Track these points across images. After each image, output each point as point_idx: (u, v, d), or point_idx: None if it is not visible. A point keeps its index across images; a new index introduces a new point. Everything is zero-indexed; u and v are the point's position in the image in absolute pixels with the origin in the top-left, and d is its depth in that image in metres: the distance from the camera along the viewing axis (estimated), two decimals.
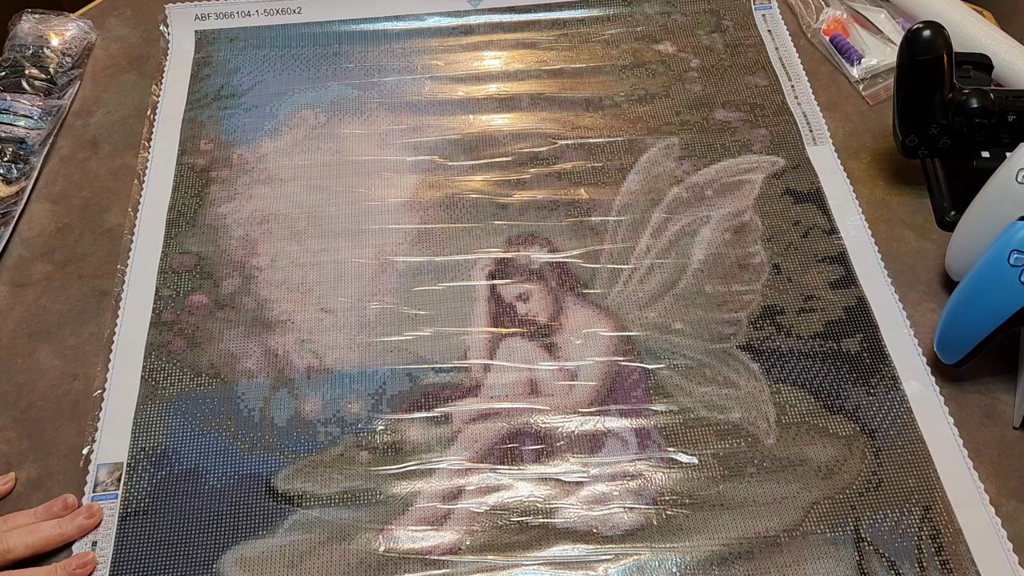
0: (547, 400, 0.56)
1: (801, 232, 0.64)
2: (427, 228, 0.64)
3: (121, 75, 0.76)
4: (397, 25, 0.78)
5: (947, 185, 0.65)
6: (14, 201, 0.66)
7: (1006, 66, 0.68)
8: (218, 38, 0.77)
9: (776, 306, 0.60)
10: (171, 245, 0.64)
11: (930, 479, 0.52)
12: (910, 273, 0.62)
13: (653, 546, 0.50)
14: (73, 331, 0.60)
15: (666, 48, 0.76)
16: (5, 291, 0.62)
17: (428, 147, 0.69)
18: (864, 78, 0.73)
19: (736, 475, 0.52)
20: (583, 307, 0.60)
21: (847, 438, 0.54)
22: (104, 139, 0.71)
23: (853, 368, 0.57)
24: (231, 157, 0.69)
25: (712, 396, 0.56)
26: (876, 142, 0.69)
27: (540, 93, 0.73)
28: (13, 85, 0.72)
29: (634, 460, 0.53)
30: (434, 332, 0.59)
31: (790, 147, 0.68)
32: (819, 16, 0.77)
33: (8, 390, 0.57)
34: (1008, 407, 0.55)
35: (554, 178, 0.67)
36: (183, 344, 0.59)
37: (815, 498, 0.51)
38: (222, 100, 0.73)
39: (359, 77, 0.74)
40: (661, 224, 0.64)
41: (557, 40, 0.77)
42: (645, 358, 0.57)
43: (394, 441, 0.54)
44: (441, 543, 0.50)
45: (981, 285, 0.53)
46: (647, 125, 0.70)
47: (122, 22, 0.80)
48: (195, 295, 0.61)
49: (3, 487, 0.53)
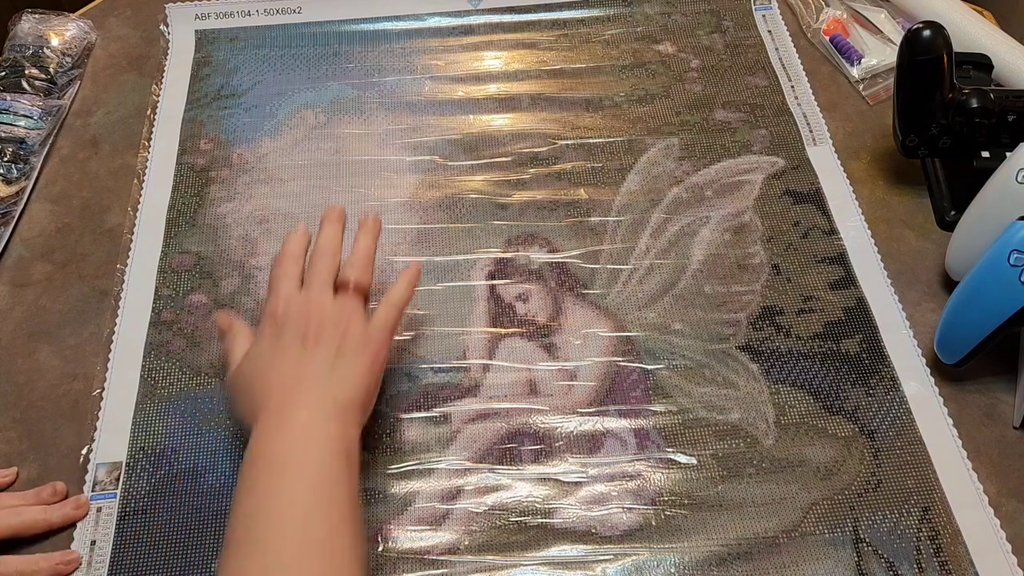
0: (546, 400, 0.56)
1: (801, 233, 0.64)
2: (427, 228, 0.64)
3: (121, 75, 0.76)
4: (397, 25, 0.78)
5: (947, 185, 0.65)
6: (14, 201, 0.66)
7: (1006, 66, 0.68)
8: (218, 38, 0.77)
9: (775, 307, 0.60)
10: (171, 245, 0.64)
11: (929, 480, 0.52)
12: (910, 273, 0.62)
13: (652, 546, 0.50)
14: (73, 331, 0.60)
15: (666, 48, 0.76)
16: (5, 291, 0.62)
17: (428, 147, 0.69)
18: (864, 78, 0.73)
19: (735, 476, 0.52)
20: (582, 307, 0.60)
21: (846, 439, 0.54)
22: (104, 139, 0.71)
23: (852, 369, 0.57)
24: (231, 157, 0.69)
25: (711, 397, 0.56)
26: (876, 142, 0.69)
27: (540, 93, 0.73)
28: (13, 85, 0.72)
29: (633, 460, 0.53)
30: (434, 332, 0.59)
31: (790, 147, 0.68)
32: (819, 16, 0.77)
33: (8, 390, 0.57)
34: (1008, 407, 0.55)
35: (554, 178, 0.67)
36: (182, 344, 0.59)
37: (814, 499, 0.51)
38: (222, 100, 0.73)
39: (359, 77, 0.74)
40: (661, 224, 0.64)
41: (557, 40, 0.76)
42: (644, 358, 0.57)
43: (393, 441, 0.54)
44: (440, 543, 0.50)
45: (981, 285, 0.53)
46: (647, 125, 0.70)
47: (122, 22, 0.80)
48: (195, 295, 0.61)
49: (3, 479, 0.53)
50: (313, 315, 0.50)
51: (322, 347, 0.49)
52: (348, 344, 0.49)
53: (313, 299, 0.51)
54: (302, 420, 0.46)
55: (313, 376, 0.47)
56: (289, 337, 0.49)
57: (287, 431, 0.45)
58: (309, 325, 0.49)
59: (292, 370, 0.48)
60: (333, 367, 0.48)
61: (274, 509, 0.43)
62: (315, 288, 0.51)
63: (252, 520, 0.43)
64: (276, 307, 0.51)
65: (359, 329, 0.50)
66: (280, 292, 0.51)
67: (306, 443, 0.45)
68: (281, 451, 0.45)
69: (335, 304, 0.51)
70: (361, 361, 0.49)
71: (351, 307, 0.51)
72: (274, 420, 0.46)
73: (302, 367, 0.48)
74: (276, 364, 0.48)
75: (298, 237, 0.55)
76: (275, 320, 0.50)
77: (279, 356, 0.49)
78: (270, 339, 0.50)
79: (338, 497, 0.44)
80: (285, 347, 0.49)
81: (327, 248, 0.53)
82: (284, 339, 0.49)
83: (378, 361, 0.50)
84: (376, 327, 0.51)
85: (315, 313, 0.50)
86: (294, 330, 0.49)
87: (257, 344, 0.50)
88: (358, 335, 0.50)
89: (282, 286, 0.52)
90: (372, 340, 0.50)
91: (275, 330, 0.50)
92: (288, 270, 0.53)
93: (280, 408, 0.46)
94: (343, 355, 0.49)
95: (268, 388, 0.47)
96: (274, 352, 0.49)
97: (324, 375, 0.48)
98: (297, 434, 0.45)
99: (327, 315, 0.50)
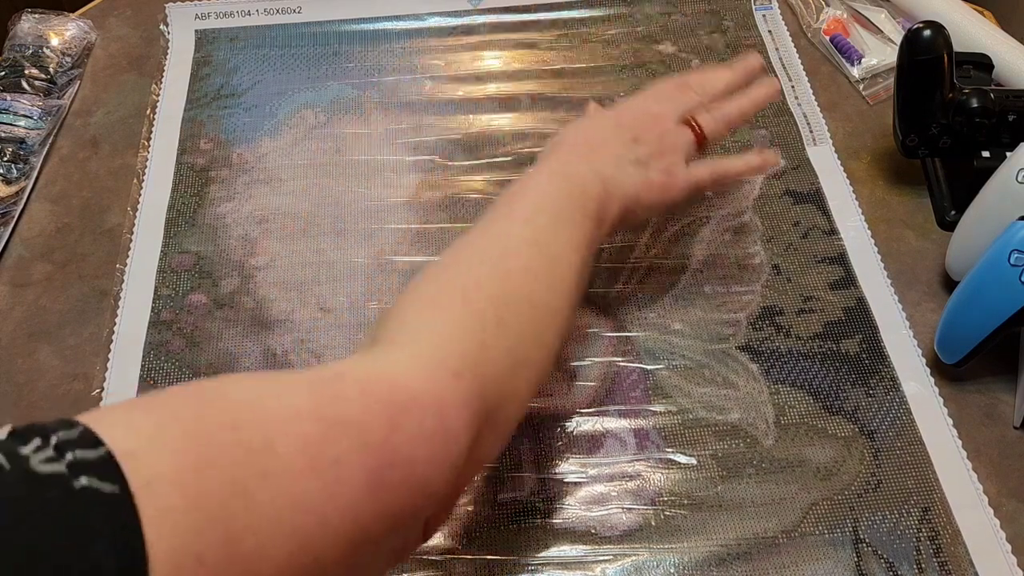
0: (546, 400, 0.56)
1: (801, 233, 0.64)
2: (427, 228, 0.64)
3: (121, 75, 0.76)
4: (397, 25, 0.78)
5: (947, 185, 0.65)
6: (14, 201, 0.66)
7: (1006, 66, 0.68)
8: (218, 37, 0.77)
9: (775, 307, 0.60)
10: (170, 244, 0.64)
11: (929, 480, 0.52)
12: (910, 273, 0.62)
13: (651, 547, 0.50)
14: (73, 331, 0.60)
15: (666, 48, 0.76)
16: (5, 291, 0.62)
17: (428, 147, 0.69)
18: (864, 78, 0.73)
19: (735, 476, 0.52)
20: (582, 307, 0.60)
21: (846, 439, 0.54)
22: (104, 139, 0.71)
23: (852, 369, 0.57)
24: (231, 156, 0.69)
25: (711, 397, 0.56)
26: (876, 142, 0.69)
27: (540, 93, 0.73)
28: (13, 85, 0.72)
29: (632, 460, 0.53)
30: None
31: (790, 147, 0.68)
32: (819, 16, 0.77)
33: (8, 390, 0.57)
34: (1008, 407, 0.55)
35: None
36: (182, 343, 0.59)
37: (814, 499, 0.51)
38: (222, 99, 0.73)
39: (359, 77, 0.74)
40: (660, 224, 0.64)
41: (557, 40, 0.76)
42: (644, 358, 0.57)
43: None
44: (439, 543, 0.50)
45: (981, 285, 0.53)
46: None
47: (122, 22, 0.80)
48: (194, 294, 0.61)
49: None
50: (650, 124, 0.51)
51: (637, 146, 0.50)
52: (656, 163, 0.50)
53: (661, 114, 0.52)
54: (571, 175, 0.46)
55: (612, 157, 0.49)
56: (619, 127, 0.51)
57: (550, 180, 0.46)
58: (639, 128, 0.51)
59: (599, 143, 0.49)
60: (633, 163, 0.50)
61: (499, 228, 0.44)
62: (669, 107, 0.53)
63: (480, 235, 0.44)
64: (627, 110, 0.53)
65: (675, 159, 0.51)
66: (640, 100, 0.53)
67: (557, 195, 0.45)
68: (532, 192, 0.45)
69: (674, 130, 0.52)
70: (655, 180, 0.50)
71: (684, 141, 0.52)
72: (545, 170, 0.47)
73: (608, 148, 0.49)
74: (593, 135, 0.50)
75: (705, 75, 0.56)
76: (619, 114, 0.52)
77: (600, 132, 0.51)
78: (604, 120, 0.52)
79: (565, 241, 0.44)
80: (611, 130, 0.51)
81: (707, 82, 0.55)
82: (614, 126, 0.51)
83: (668, 192, 0.51)
84: (688, 170, 0.52)
85: (653, 124, 0.52)
86: (629, 124, 0.51)
87: (592, 118, 0.53)
88: (670, 163, 0.51)
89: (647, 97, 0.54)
90: (675, 175, 0.51)
91: (614, 119, 0.52)
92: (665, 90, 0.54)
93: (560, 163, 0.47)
94: (645, 165, 0.50)
95: (568, 144, 0.49)
96: (601, 127, 0.51)
97: (620, 163, 0.49)
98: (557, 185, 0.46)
99: (662, 131, 0.51)
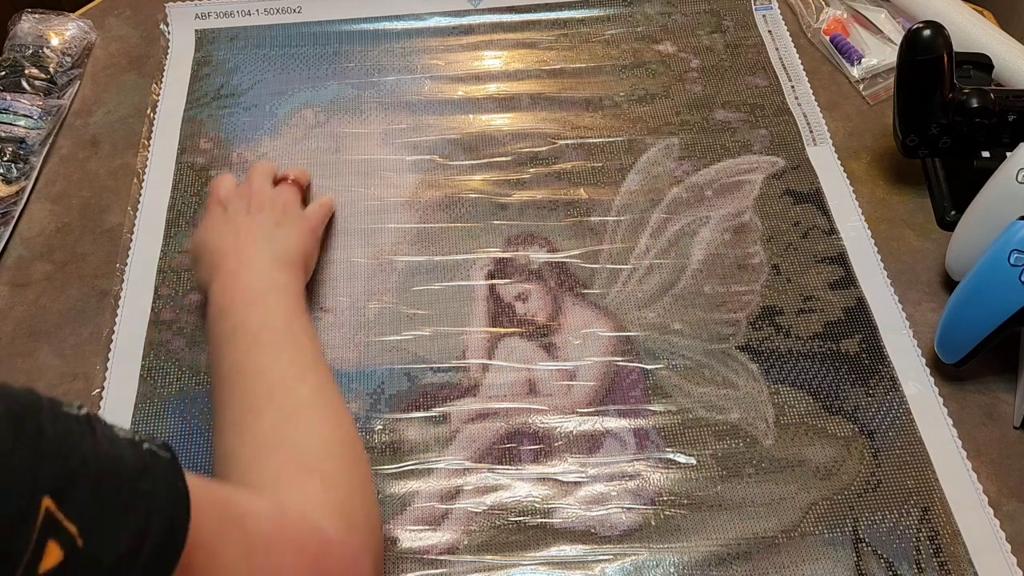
0: (545, 400, 0.56)
1: (801, 232, 0.64)
2: (426, 228, 0.64)
3: (121, 75, 0.76)
4: (397, 25, 0.78)
5: (947, 185, 0.65)
6: (14, 201, 0.66)
7: (1006, 66, 0.68)
8: (218, 37, 0.77)
9: (775, 307, 0.60)
10: (170, 244, 0.64)
11: (929, 480, 0.52)
12: (910, 273, 0.62)
13: (651, 546, 0.50)
14: (73, 331, 0.60)
15: (666, 48, 0.76)
16: (5, 291, 0.62)
17: (428, 147, 0.69)
18: (864, 78, 0.73)
19: (734, 476, 0.52)
20: (582, 307, 0.60)
21: (846, 439, 0.54)
22: (104, 139, 0.71)
23: (852, 369, 0.57)
24: (231, 156, 0.69)
25: (711, 396, 0.56)
26: (876, 142, 0.69)
27: (540, 93, 0.73)
28: (13, 85, 0.72)
29: (632, 460, 0.53)
30: (433, 332, 0.59)
31: (790, 147, 0.68)
32: (819, 16, 0.77)
33: None
34: (1008, 407, 0.55)
35: (554, 178, 0.67)
36: (182, 343, 0.59)
37: (813, 499, 0.51)
38: (222, 99, 0.73)
39: (359, 77, 0.74)
40: (660, 224, 0.64)
41: (557, 40, 0.76)
42: (644, 358, 0.57)
43: (392, 441, 0.54)
44: (439, 543, 0.50)
45: (981, 285, 0.53)
46: (647, 125, 0.70)
47: (122, 22, 0.80)
48: (194, 294, 0.61)
49: None
50: (255, 194, 0.59)
51: (265, 214, 0.57)
52: (287, 216, 0.58)
53: (254, 184, 0.60)
54: (255, 271, 0.53)
55: (260, 235, 0.55)
56: (234, 209, 0.58)
57: (243, 284, 0.52)
58: (252, 200, 0.58)
59: (241, 232, 0.56)
60: (277, 225, 0.57)
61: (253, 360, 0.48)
62: (255, 180, 0.61)
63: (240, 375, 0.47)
64: (219, 193, 0.60)
65: (296, 208, 0.60)
66: (221, 185, 0.60)
67: (264, 290, 0.52)
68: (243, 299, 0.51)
69: (274, 190, 0.61)
70: (300, 227, 0.58)
71: (288, 193, 0.61)
72: (230, 278, 0.52)
73: (249, 229, 0.56)
74: (226, 230, 0.56)
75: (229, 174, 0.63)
76: (220, 200, 0.59)
77: (229, 223, 0.57)
78: (218, 213, 0.58)
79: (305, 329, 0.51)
80: (232, 216, 0.57)
81: (263, 165, 0.63)
82: (230, 210, 0.58)
83: (315, 232, 0.60)
84: (310, 210, 0.61)
85: (256, 193, 0.59)
86: (237, 204, 0.58)
87: (207, 218, 0.59)
88: (296, 211, 0.59)
89: (222, 184, 0.60)
90: (307, 217, 0.60)
91: (222, 207, 0.58)
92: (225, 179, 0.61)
93: (235, 266, 0.53)
94: (283, 224, 0.57)
95: (222, 251, 0.55)
96: (224, 220, 0.57)
97: (268, 234, 0.56)
98: (253, 284, 0.52)
99: (267, 195, 0.59)
